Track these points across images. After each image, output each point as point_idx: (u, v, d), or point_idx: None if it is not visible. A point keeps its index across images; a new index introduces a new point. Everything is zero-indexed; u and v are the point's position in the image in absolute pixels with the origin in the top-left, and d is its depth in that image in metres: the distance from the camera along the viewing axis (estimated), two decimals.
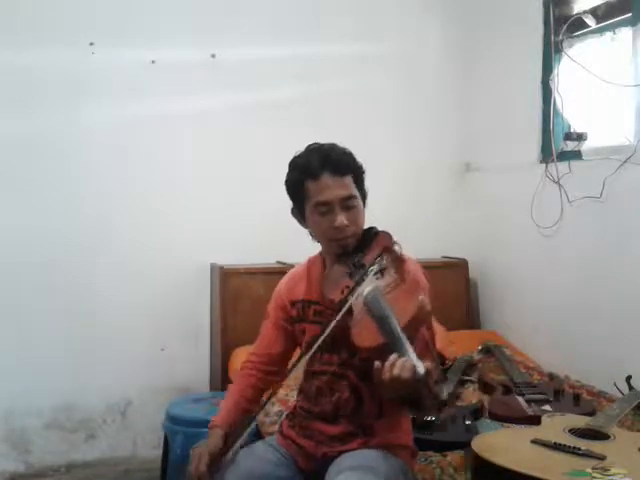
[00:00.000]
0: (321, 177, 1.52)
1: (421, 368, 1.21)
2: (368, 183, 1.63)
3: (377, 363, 1.27)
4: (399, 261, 1.48)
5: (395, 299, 1.38)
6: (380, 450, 1.52)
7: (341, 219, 1.51)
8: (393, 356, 1.25)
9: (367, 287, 1.42)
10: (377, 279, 1.44)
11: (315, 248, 1.69)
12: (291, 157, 1.62)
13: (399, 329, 1.27)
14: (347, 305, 1.42)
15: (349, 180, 1.55)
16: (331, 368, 1.58)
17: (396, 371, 1.23)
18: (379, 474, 1.42)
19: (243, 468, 1.55)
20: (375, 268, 1.46)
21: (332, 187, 1.52)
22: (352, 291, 1.43)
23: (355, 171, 1.58)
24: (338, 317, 1.42)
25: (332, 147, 1.58)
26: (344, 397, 1.55)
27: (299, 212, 1.61)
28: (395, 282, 1.43)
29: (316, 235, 1.60)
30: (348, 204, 1.54)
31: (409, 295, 1.38)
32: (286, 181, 1.62)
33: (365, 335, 1.35)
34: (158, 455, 2.57)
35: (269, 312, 1.74)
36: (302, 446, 1.59)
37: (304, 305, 1.64)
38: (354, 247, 1.55)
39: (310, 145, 1.60)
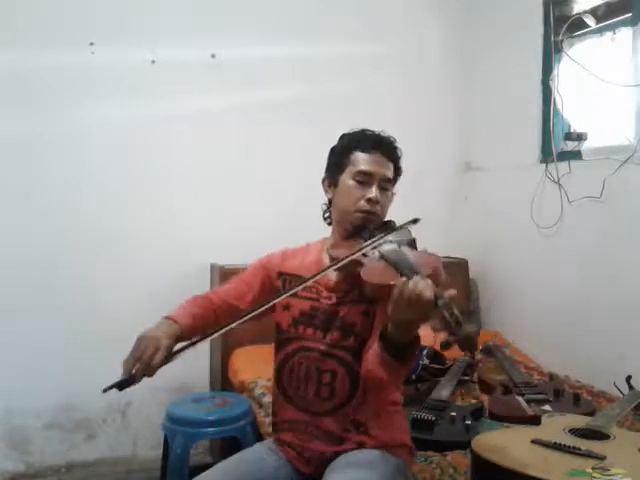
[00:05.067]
0: (373, 151, 1.60)
1: (444, 295, 1.21)
2: None
3: (398, 279, 1.28)
4: (414, 244, 1.55)
5: (415, 254, 1.46)
6: (377, 450, 1.51)
7: (376, 193, 1.57)
8: (415, 277, 1.26)
9: (386, 246, 1.47)
10: (394, 244, 1.49)
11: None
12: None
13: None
14: (359, 252, 1.44)
15: (392, 167, 1.63)
16: (319, 346, 1.56)
17: (419, 287, 1.23)
18: (376, 473, 1.42)
19: (243, 471, 1.55)
20: (393, 238, 1.50)
21: (379, 163, 1.60)
22: (365, 246, 1.46)
23: (397, 165, 1.66)
24: (353, 256, 1.43)
25: (384, 133, 1.67)
26: (339, 377, 1.53)
27: (332, 179, 1.64)
28: (414, 250, 1.51)
29: (341, 204, 1.61)
30: (385, 186, 1.60)
31: (431, 256, 1.47)
32: (333, 148, 1.68)
33: (379, 274, 1.38)
34: (158, 455, 2.57)
35: (249, 270, 1.71)
36: (299, 449, 1.58)
37: (292, 280, 1.63)
38: (371, 228, 1.57)
39: (364, 128, 1.68)
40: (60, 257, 2.92)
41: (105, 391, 1.45)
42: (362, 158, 1.59)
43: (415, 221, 1.53)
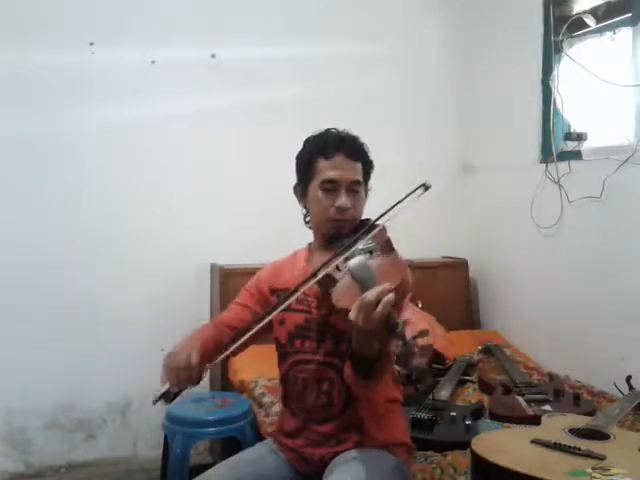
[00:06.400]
0: (334, 157, 1.54)
1: (399, 320, 1.21)
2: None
3: (362, 297, 1.26)
4: (389, 248, 1.48)
5: (380, 268, 1.40)
6: (376, 449, 1.51)
7: (344, 200, 1.52)
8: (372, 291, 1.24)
9: (355, 260, 1.41)
10: (363, 257, 1.44)
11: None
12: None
13: None
14: (326, 269, 1.41)
15: (359, 167, 1.57)
16: (315, 357, 1.56)
17: (380, 308, 1.23)
18: (375, 472, 1.42)
19: (243, 471, 1.55)
20: (366, 248, 1.45)
21: (343, 168, 1.54)
22: (334, 258, 1.42)
23: (366, 161, 1.60)
24: (317, 277, 1.41)
25: (349, 133, 1.61)
26: (336, 384, 1.53)
27: (302, 189, 1.61)
28: (382, 259, 1.44)
29: (313, 214, 1.60)
30: (354, 188, 1.55)
31: (394, 268, 1.41)
32: (297, 156, 1.63)
33: (346, 297, 1.35)
34: (158, 455, 2.57)
35: (242, 293, 1.72)
36: (298, 452, 1.58)
37: (287, 294, 1.59)
38: (347, 233, 1.54)
39: (328, 128, 1.62)
40: (60, 257, 2.92)
41: (155, 403, 1.47)
42: (325, 166, 1.54)
43: (426, 188, 1.47)
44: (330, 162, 1.54)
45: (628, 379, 2.25)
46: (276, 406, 2.24)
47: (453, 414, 2.02)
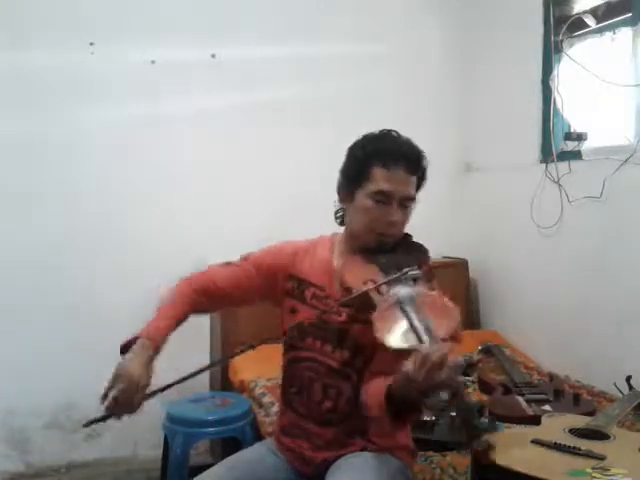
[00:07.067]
0: (394, 168, 1.46)
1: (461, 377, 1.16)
2: None
3: (415, 343, 1.19)
4: (431, 276, 1.45)
5: (432, 306, 1.33)
6: (379, 453, 1.50)
7: (397, 216, 1.47)
8: (435, 346, 1.16)
9: (404, 290, 1.35)
10: (411, 286, 1.38)
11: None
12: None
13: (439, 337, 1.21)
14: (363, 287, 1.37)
15: (415, 181, 1.50)
16: (328, 361, 1.52)
17: (444, 375, 1.16)
18: (376, 476, 1.41)
19: (242, 470, 1.54)
20: (413, 274, 1.40)
21: (401, 181, 1.46)
22: (381, 285, 1.37)
23: (422, 175, 1.53)
24: (354, 294, 1.37)
25: (410, 142, 1.53)
26: (345, 395, 1.51)
27: (349, 190, 1.52)
28: (431, 296, 1.38)
29: (356, 221, 1.52)
30: (406, 204, 1.49)
31: (448, 313, 1.34)
32: (351, 154, 1.54)
33: (392, 333, 1.27)
34: (158, 455, 2.57)
35: (256, 256, 1.66)
36: (298, 453, 1.56)
37: (303, 284, 1.57)
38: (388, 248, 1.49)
39: (387, 130, 1.55)
40: (60, 257, 2.92)
41: (86, 426, 1.47)
42: (382, 175, 1.45)
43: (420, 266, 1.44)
44: (389, 173, 1.45)
45: (628, 379, 2.25)
46: (276, 406, 2.24)
47: (453, 414, 2.01)
